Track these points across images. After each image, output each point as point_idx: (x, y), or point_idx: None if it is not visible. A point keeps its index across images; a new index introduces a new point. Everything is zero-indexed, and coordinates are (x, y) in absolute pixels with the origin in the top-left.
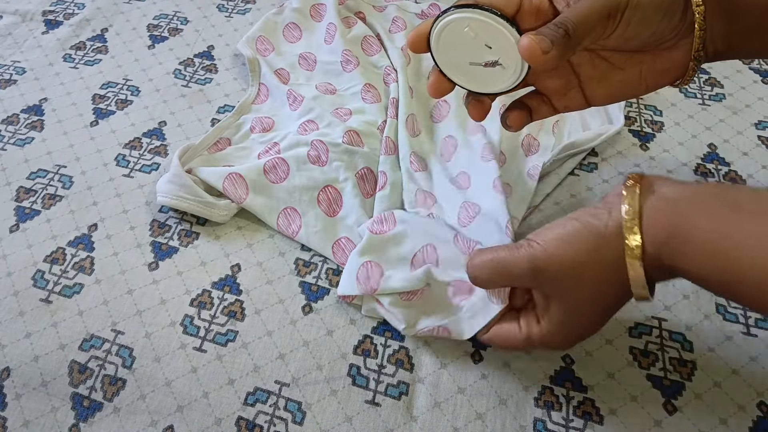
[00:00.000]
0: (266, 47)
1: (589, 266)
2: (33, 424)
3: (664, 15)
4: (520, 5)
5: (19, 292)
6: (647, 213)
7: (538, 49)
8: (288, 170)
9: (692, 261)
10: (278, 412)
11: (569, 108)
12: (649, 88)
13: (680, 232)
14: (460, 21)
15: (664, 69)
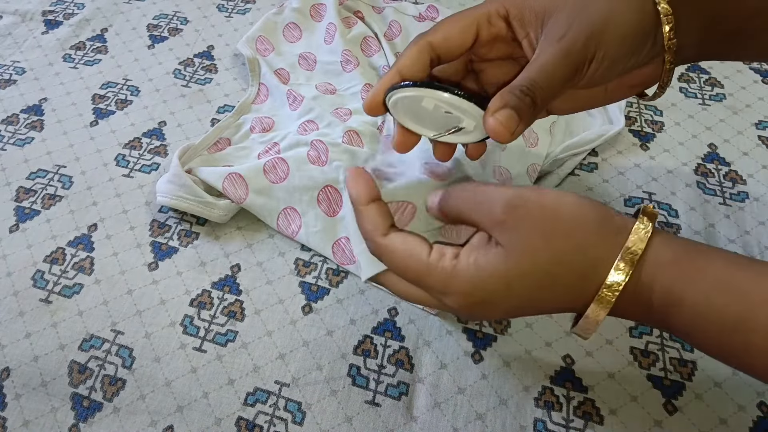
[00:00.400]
0: (266, 47)
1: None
2: (33, 424)
3: (632, 55)
4: (477, 36)
5: (19, 292)
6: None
7: (506, 132)
8: (288, 170)
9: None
10: (278, 413)
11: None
12: (614, 101)
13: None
14: (415, 98)
15: (630, 84)
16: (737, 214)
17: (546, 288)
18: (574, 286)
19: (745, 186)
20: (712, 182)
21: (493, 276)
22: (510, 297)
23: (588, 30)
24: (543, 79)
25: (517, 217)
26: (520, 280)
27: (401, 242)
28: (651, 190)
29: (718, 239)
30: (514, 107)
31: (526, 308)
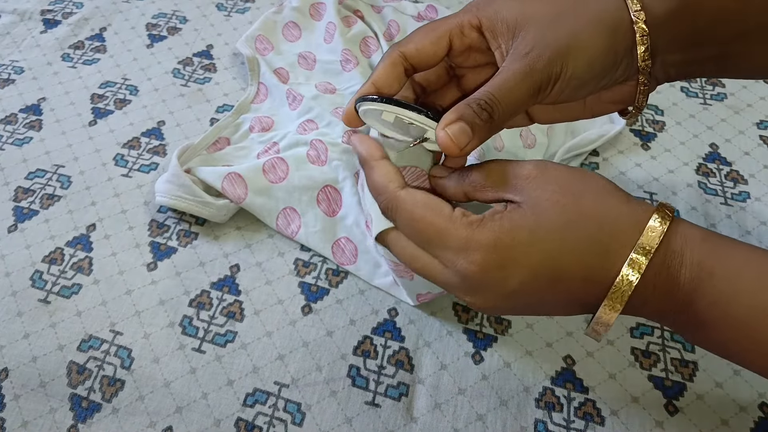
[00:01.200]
0: (265, 46)
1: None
2: (31, 424)
3: (602, 77)
4: (450, 47)
5: (18, 293)
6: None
7: (455, 147)
8: (287, 170)
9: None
10: (278, 413)
11: (513, 125)
12: (594, 114)
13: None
14: (377, 111)
15: (610, 100)
16: (738, 213)
17: (569, 244)
18: (602, 245)
19: (747, 186)
20: (713, 182)
21: (520, 227)
22: (533, 252)
23: (554, 49)
24: (503, 95)
25: (547, 175)
26: (545, 231)
27: (422, 196)
28: (652, 189)
29: None
30: (468, 121)
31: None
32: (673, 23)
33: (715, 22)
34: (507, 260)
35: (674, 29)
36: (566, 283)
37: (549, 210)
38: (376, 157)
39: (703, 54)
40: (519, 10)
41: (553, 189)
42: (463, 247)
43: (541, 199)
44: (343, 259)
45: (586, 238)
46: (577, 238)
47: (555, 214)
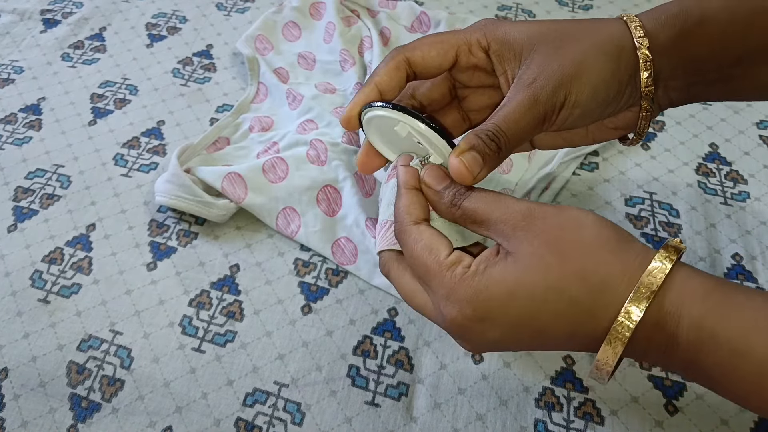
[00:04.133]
0: (265, 46)
1: (583, 270)
2: (31, 424)
3: (606, 105)
4: (455, 61)
5: (17, 293)
6: (681, 278)
7: (469, 175)
8: (287, 170)
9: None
10: (277, 413)
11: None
12: (596, 140)
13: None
14: (390, 120)
15: (613, 126)
16: (738, 213)
17: (550, 305)
18: (583, 305)
19: (746, 186)
20: (713, 182)
21: (499, 283)
22: (511, 310)
23: (558, 78)
24: (509, 126)
25: (535, 228)
26: (525, 291)
27: (428, 236)
28: (652, 189)
29: (719, 239)
30: (479, 151)
31: (524, 331)
32: (675, 50)
33: (717, 47)
34: (485, 315)
35: (677, 56)
36: (550, 338)
37: (532, 269)
38: (408, 186)
39: (705, 78)
40: (526, 36)
41: (538, 244)
42: (447, 296)
43: (525, 254)
44: (342, 259)
45: (569, 299)
46: (559, 300)
47: (538, 274)
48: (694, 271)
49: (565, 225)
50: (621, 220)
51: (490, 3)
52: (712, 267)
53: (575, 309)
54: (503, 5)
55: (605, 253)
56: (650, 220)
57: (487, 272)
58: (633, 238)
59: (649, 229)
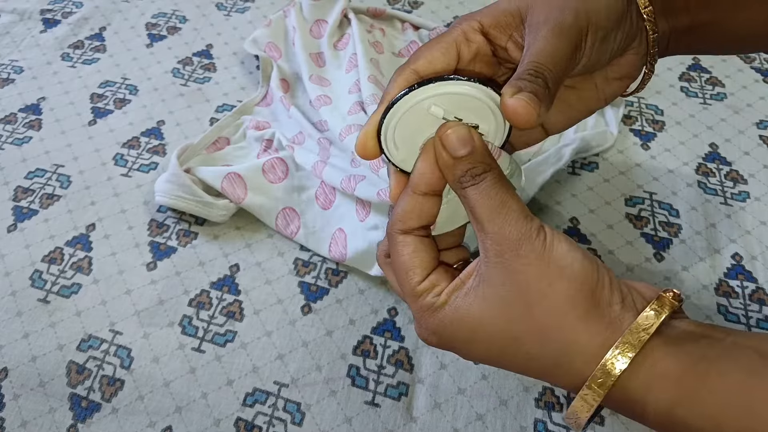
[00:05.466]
0: (273, 55)
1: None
2: (31, 424)
3: (618, 27)
4: (458, 57)
5: (17, 292)
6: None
7: (531, 111)
8: (287, 170)
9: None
10: (277, 413)
11: (529, 143)
12: (607, 99)
13: None
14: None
15: (618, 76)
16: (738, 213)
17: (509, 354)
18: (543, 364)
19: (746, 185)
20: (713, 182)
21: (462, 319)
22: (472, 347)
23: (573, 6)
24: (547, 60)
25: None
26: (485, 334)
27: (408, 253)
28: (652, 189)
29: (719, 239)
30: (531, 90)
31: (490, 362)
32: None
33: None
34: (451, 346)
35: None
36: (516, 371)
37: (495, 312)
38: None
39: (678, 23)
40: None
41: (510, 285)
42: (417, 319)
43: (493, 293)
44: (336, 253)
45: (526, 354)
46: (516, 352)
47: (499, 320)
48: (669, 347)
49: (542, 275)
50: (621, 220)
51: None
52: (712, 267)
53: (536, 365)
54: None
55: (572, 318)
56: (650, 220)
57: (453, 304)
58: (612, 300)
59: (649, 229)
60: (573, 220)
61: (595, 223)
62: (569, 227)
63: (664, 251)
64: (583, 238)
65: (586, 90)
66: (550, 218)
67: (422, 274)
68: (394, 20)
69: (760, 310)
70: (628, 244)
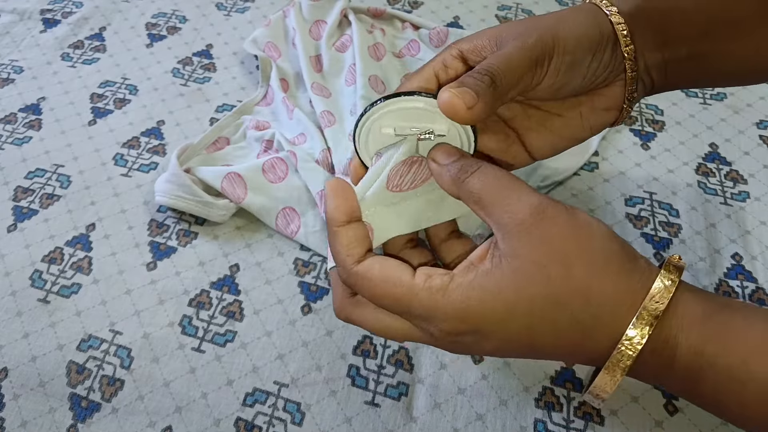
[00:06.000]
0: (272, 55)
1: (589, 286)
2: (31, 424)
3: (593, 55)
4: (438, 83)
5: (17, 292)
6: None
7: (461, 104)
8: (287, 170)
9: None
10: (277, 413)
11: (515, 164)
12: (593, 130)
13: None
14: (377, 122)
15: (604, 107)
16: (738, 213)
17: (550, 320)
18: (584, 325)
19: (746, 185)
20: (713, 182)
21: (495, 297)
22: (509, 325)
23: (542, 28)
24: (499, 62)
25: (543, 230)
26: (525, 305)
27: (379, 268)
28: (652, 189)
29: (719, 239)
30: (470, 86)
31: (521, 344)
32: (641, 18)
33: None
34: (478, 328)
35: (643, 23)
36: (547, 353)
37: (534, 279)
38: (339, 222)
39: (677, 53)
40: (497, 28)
41: (544, 252)
42: (429, 317)
43: (526, 261)
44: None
45: (570, 317)
46: (559, 317)
47: (539, 285)
48: (694, 293)
49: (575, 234)
50: (621, 220)
51: (490, 3)
52: (712, 267)
53: (576, 327)
54: (503, 5)
55: (611, 273)
56: (650, 220)
57: (476, 282)
58: (637, 255)
59: (649, 229)
60: None
61: None
62: None
63: (664, 251)
64: None
65: (571, 118)
66: None
67: (409, 273)
68: (394, 20)
69: None
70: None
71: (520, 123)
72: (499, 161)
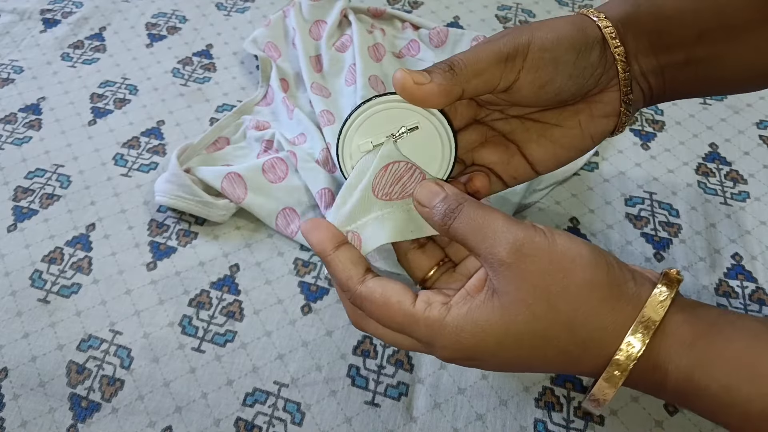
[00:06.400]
0: (272, 55)
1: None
2: (31, 424)
3: (578, 54)
4: None
5: (17, 292)
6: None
7: (410, 80)
8: (287, 170)
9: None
10: (277, 413)
11: (518, 179)
12: (594, 138)
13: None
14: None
15: (603, 114)
16: (738, 213)
17: (539, 351)
18: (572, 354)
19: (746, 185)
20: (713, 182)
21: (486, 331)
22: (500, 355)
23: (517, 30)
24: (464, 54)
25: (523, 268)
26: (513, 339)
27: (381, 291)
28: (652, 189)
29: (719, 239)
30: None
31: (517, 367)
32: (632, 23)
33: (671, 24)
34: (473, 356)
35: (635, 28)
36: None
37: (519, 317)
38: (329, 250)
39: (674, 59)
40: None
41: (526, 289)
42: (430, 342)
43: (511, 299)
44: None
45: (556, 348)
46: (547, 348)
47: (525, 323)
48: (684, 313)
49: (555, 269)
50: (621, 220)
51: (490, 3)
52: (712, 267)
53: (564, 357)
54: (503, 5)
55: (595, 302)
56: (650, 220)
57: (470, 316)
58: (625, 278)
59: (649, 229)
60: (573, 220)
61: (595, 223)
62: (569, 227)
63: (664, 251)
64: (582, 238)
65: (571, 127)
66: (550, 218)
67: (411, 298)
68: (394, 20)
69: (760, 310)
70: (628, 244)
71: (520, 136)
72: (502, 175)
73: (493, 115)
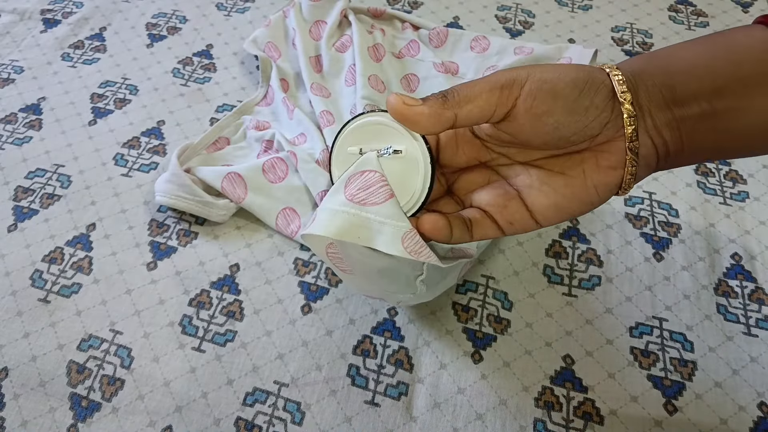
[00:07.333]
0: (273, 55)
1: None
2: (31, 424)
3: (580, 91)
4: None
5: (17, 292)
6: None
7: (400, 101)
8: (287, 170)
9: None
10: (277, 413)
11: (515, 225)
12: (599, 191)
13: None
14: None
15: (609, 164)
16: (737, 213)
17: None
18: None
19: (746, 185)
20: (712, 182)
21: None
22: None
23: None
24: (461, 86)
25: None
26: None
27: None
28: (651, 189)
29: (718, 239)
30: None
31: None
32: (644, 76)
33: (685, 78)
34: None
35: (648, 81)
36: None
37: None
38: None
39: (689, 111)
40: None
41: None
42: None
43: None
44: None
45: None
46: None
47: None
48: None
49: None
50: (621, 220)
51: (489, 3)
52: (712, 267)
53: None
54: (503, 5)
55: None
56: (650, 220)
57: None
58: None
59: (648, 229)
60: (573, 220)
61: (595, 222)
62: (569, 227)
63: (664, 251)
64: (582, 238)
65: (573, 176)
66: None
67: None
68: (394, 20)
69: (760, 310)
70: (628, 243)
71: (522, 181)
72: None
73: (499, 160)
